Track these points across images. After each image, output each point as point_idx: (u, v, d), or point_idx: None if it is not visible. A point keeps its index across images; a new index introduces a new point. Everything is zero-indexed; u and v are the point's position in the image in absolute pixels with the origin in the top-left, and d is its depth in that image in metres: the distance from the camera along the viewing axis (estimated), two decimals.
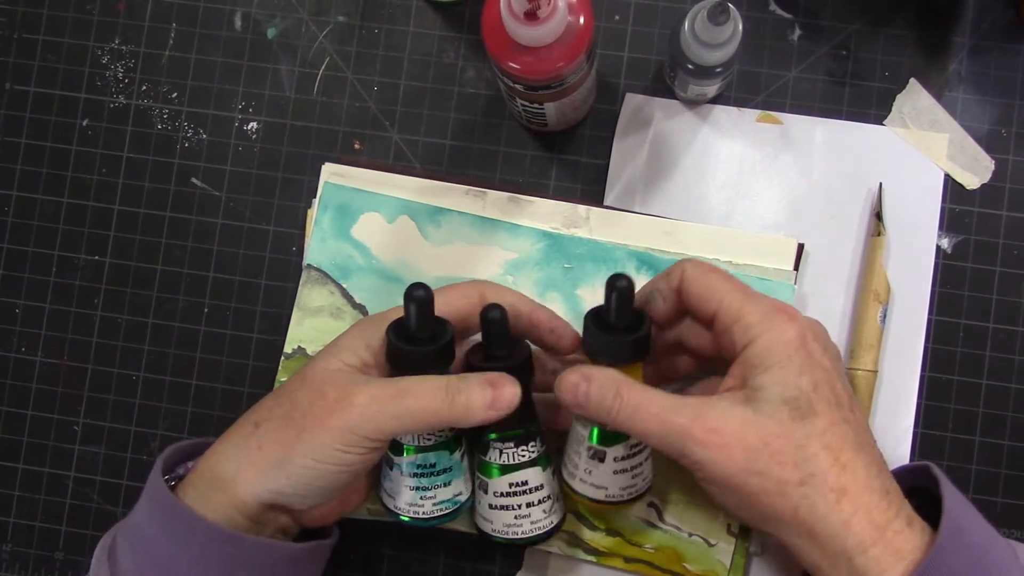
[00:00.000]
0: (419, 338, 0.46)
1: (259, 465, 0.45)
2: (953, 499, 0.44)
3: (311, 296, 0.58)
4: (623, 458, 0.49)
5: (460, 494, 0.50)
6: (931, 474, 0.46)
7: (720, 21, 0.48)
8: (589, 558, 0.55)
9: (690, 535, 0.55)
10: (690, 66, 0.51)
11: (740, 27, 0.49)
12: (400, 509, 0.50)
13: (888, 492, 0.44)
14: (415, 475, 0.49)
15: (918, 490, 0.47)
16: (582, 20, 0.47)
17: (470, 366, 0.49)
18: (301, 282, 0.58)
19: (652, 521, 0.55)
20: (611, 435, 0.49)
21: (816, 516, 0.43)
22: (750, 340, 0.45)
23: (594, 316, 0.48)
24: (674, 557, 0.55)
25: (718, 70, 0.52)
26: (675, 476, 0.54)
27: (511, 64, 0.47)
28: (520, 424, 0.49)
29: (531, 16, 0.44)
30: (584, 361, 0.49)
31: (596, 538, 0.55)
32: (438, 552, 0.57)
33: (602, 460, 0.49)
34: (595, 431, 0.49)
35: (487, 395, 0.45)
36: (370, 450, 0.46)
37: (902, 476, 0.47)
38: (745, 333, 0.45)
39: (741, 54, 0.50)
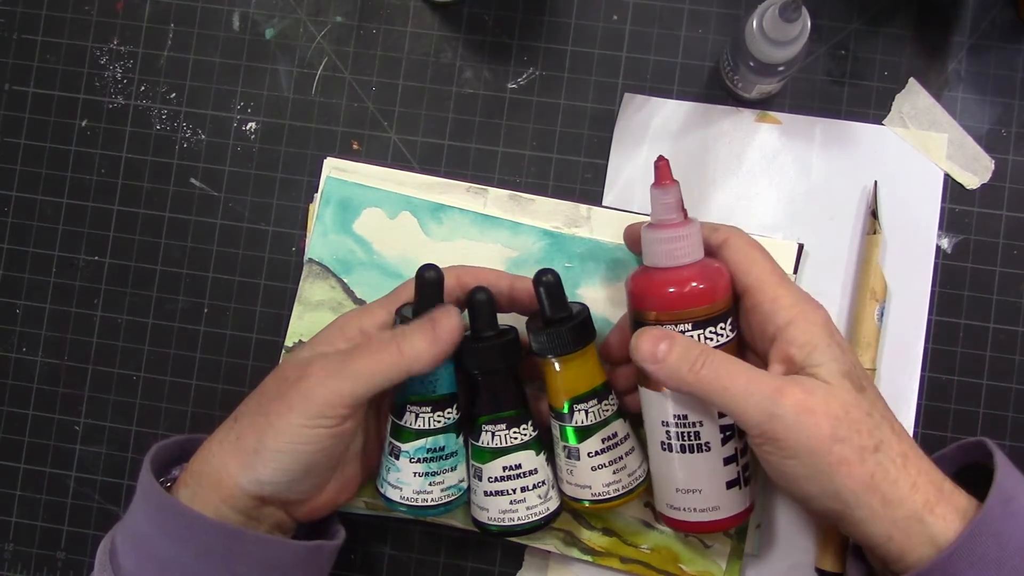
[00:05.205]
0: None
1: (238, 456, 0.47)
2: (1006, 470, 0.45)
3: (312, 290, 0.58)
4: (597, 452, 0.49)
5: (463, 480, 0.51)
6: (986, 449, 0.47)
7: (792, 18, 0.47)
8: (585, 557, 0.55)
9: (686, 535, 0.55)
10: (752, 63, 0.51)
11: (809, 24, 0.48)
12: (407, 499, 0.50)
13: (927, 456, 0.46)
14: (424, 460, 0.49)
15: (971, 467, 0.48)
16: None
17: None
18: (302, 276, 0.58)
19: (649, 521, 0.55)
20: (582, 430, 0.49)
21: (889, 480, 0.44)
22: (788, 321, 0.47)
23: (532, 320, 0.50)
24: (670, 557, 0.55)
25: (781, 68, 0.51)
26: None
27: None
28: (510, 405, 0.50)
29: None
30: None
31: (593, 538, 0.55)
32: (438, 552, 0.57)
33: (577, 457, 0.50)
34: (568, 430, 0.50)
35: (427, 331, 0.46)
36: (337, 421, 0.46)
37: (956, 453, 0.49)
38: (781, 313, 0.47)
39: (805, 53, 0.50)
